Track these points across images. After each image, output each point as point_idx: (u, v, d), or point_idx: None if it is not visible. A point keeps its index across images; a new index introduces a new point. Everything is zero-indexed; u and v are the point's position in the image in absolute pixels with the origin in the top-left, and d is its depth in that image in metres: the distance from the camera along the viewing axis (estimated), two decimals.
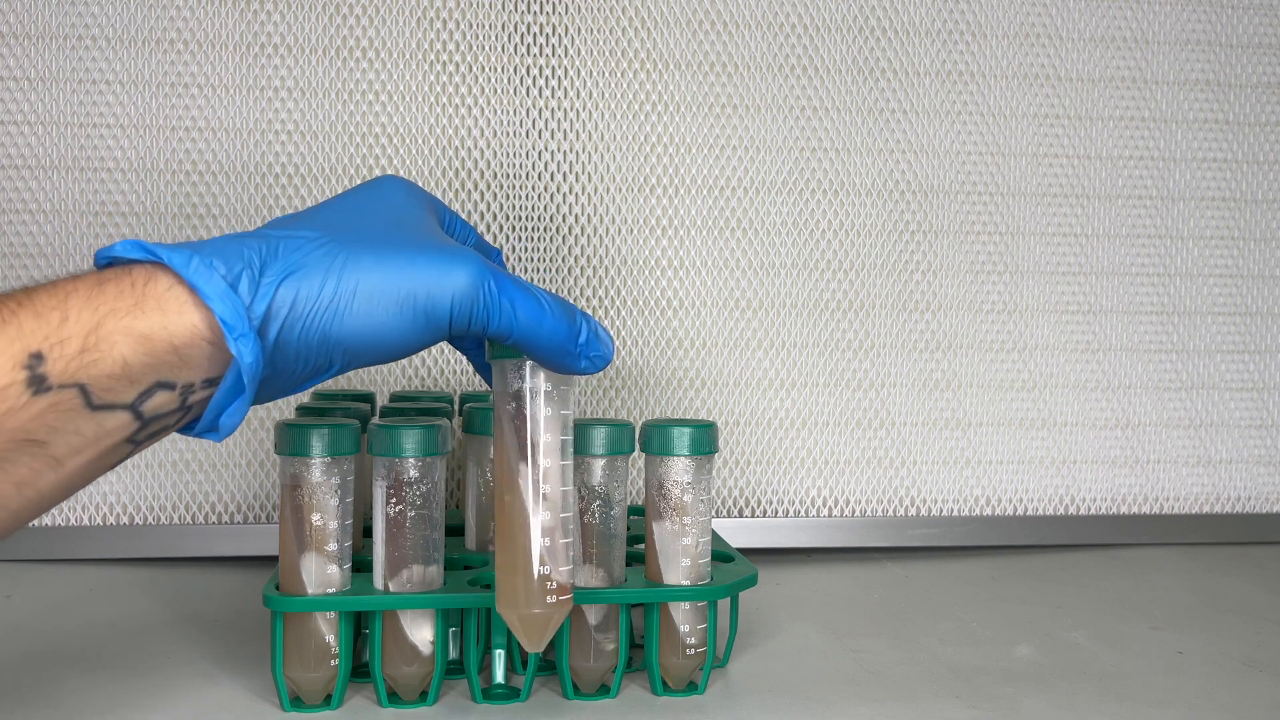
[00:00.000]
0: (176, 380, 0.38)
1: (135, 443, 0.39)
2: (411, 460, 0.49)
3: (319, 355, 0.41)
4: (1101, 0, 0.82)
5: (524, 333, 0.42)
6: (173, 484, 0.74)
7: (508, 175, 0.77)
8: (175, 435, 0.74)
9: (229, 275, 0.38)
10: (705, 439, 0.52)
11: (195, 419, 0.40)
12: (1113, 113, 0.83)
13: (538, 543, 0.44)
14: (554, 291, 0.79)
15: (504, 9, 0.76)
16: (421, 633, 0.50)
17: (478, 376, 0.77)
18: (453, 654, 0.54)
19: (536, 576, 0.44)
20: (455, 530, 0.62)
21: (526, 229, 0.77)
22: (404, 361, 0.76)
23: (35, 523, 0.72)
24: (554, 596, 0.44)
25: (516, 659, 0.54)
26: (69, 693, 0.51)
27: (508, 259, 0.77)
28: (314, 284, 0.40)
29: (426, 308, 0.41)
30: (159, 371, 0.38)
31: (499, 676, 0.52)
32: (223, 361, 0.39)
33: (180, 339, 0.38)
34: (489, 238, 0.77)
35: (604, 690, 0.52)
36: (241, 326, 0.38)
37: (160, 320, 0.37)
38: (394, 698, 0.51)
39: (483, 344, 0.49)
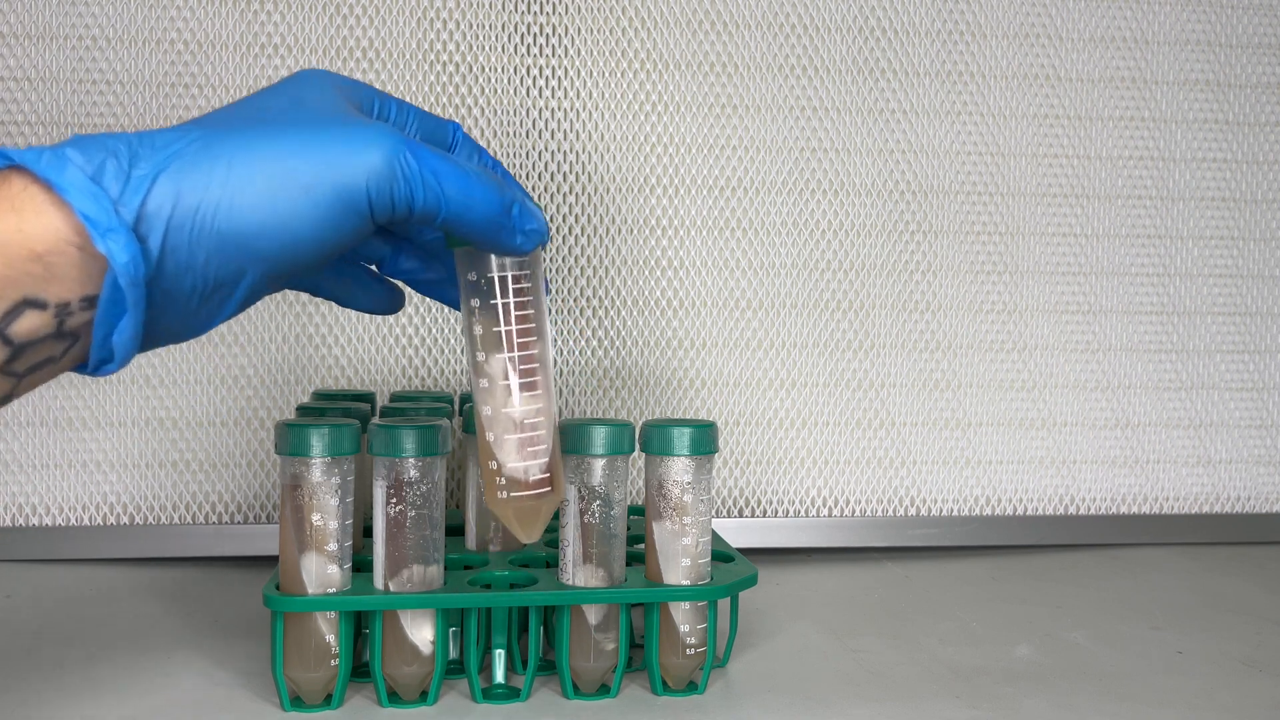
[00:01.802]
0: (47, 297, 0.34)
1: (14, 375, 0.35)
2: (412, 460, 0.49)
3: (221, 263, 0.35)
4: (1101, 0, 0.82)
5: (453, 208, 0.39)
6: (173, 484, 0.74)
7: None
8: (174, 434, 0.74)
9: (88, 167, 0.34)
10: (705, 439, 0.52)
11: (86, 357, 0.36)
12: (1113, 113, 0.83)
13: (513, 435, 0.44)
14: (560, 295, 0.79)
15: (504, 9, 0.76)
16: (422, 633, 0.50)
17: None
18: (453, 654, 0.54)
19: (518, 466, 0.44)
20: (455, 530, 0.62)
21: None
22: (404, 362, 0.76)
23: (35, 522, 0.72)
24: (538, 487, 0.45)
25: (517, 659, 0.54)
26: (68, 693, 0.51)
27: None
28: (200, 175, 0.35)
29: (338, 190, 0.36)
30: (21, 286, 0.33)
31: (499, 676, 0.52)
32: (99, 273, 0.34)
33: (41, 244, 0.33)
34: None
35: (604, 690, 0.52)
36: (109, 221, 0.33)
37: (15, 223, 0.33)
38: (394, 698, 0.51)
39: (421, 252, 0.48)
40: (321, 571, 0.48)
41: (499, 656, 0.52)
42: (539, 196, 0.77)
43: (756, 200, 0.79)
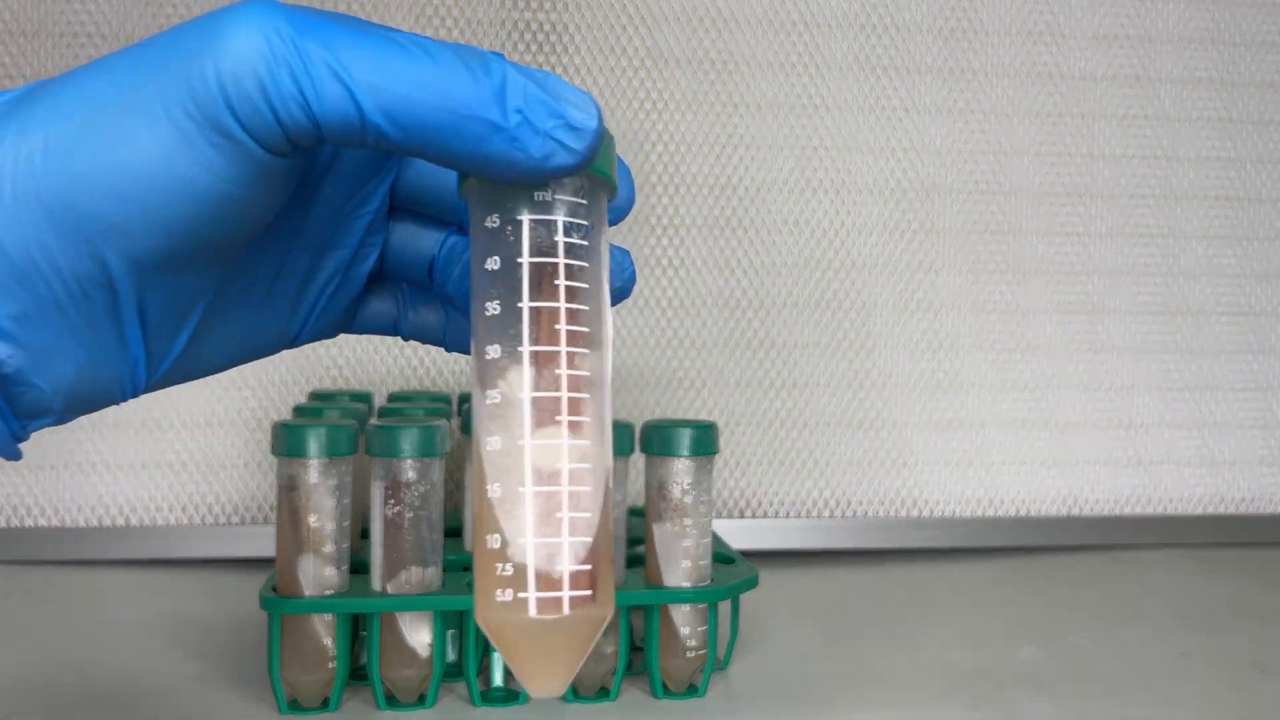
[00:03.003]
0: None
1: None
2: (410, 461, 0.48)
3: (61, 249, 0.24)
4: None
5: (385, 107, 0.24)
6: (169, 485, 0.74)
7: None
8: (170, 435, 0.74)
9: None
10: (706, 440, 0.52)
11: None
12: (1116, 111, 0.83)
13: (535, 489, 0.26)
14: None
15: (502, 6, 0.76)
16: (420, 635, 0.50)
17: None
18: (451, 656, 0.53)
19: (538, 546, 0.26)
20: (454, 532, 0.62)
21: None
22: (402, 362, 0.76)
23: (31, 523, 0.72)
24: (573, 591, 0.26)
25: None
26: (65, 694, 0.51)
27: None
28: (12, 133, 0.24)
29: (181, 103, 0.24)
30: None
31: (498, 679, 0.52)
32: None
33: None
34: None
35: (603, 693, 0.52)
36: None
37: None
38: (392, 700, 0.50)
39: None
40: (319, 573, 0.48)
41: (498, 659, 0.52)
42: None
43: (757, 199, 0.79)
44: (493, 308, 0.27)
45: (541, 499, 0.26)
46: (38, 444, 0.73)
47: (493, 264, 0.27)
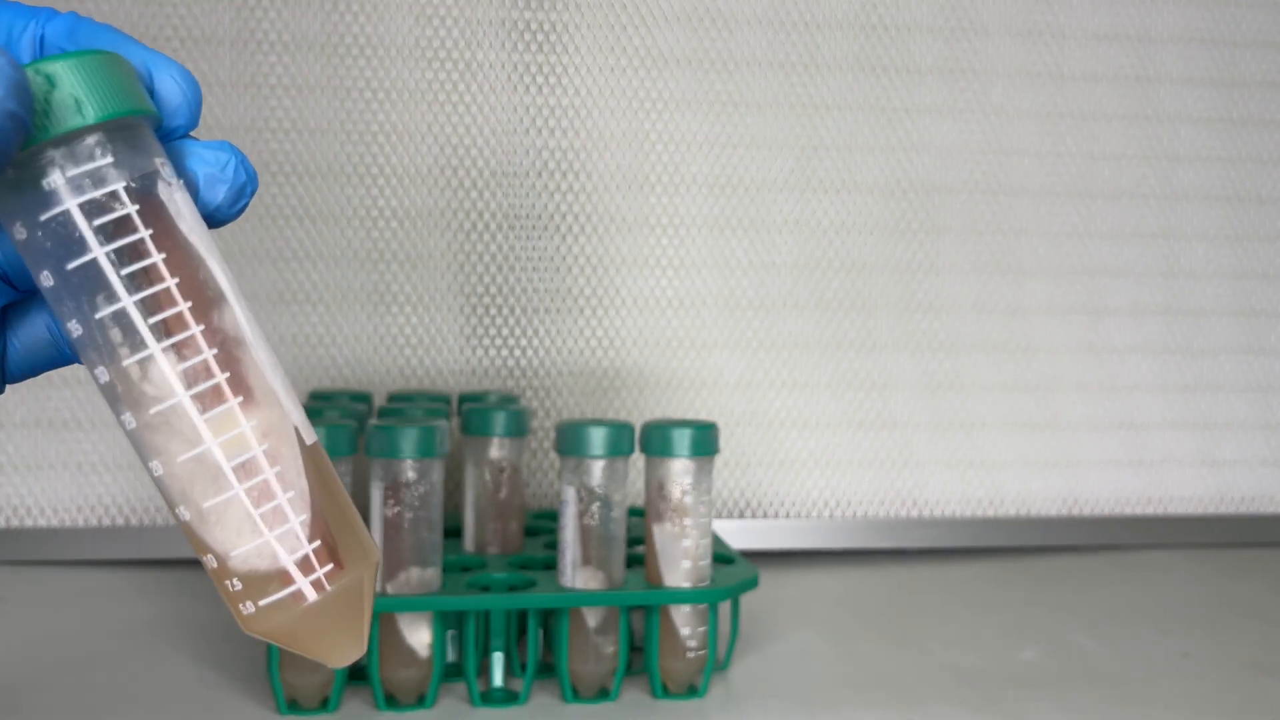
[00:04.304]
0: None
1: None
2: (409, 461, 0.48)
3: None
4: None
5: None
6: None
7: (507, 173, 0.76)
8: None
9: None
10: (706, 440, 0.51)
11: None
12: (1117, 111, 0.82)
13: (222, 496, 0.24)
14: (558, 295, 0.78)
15: (503, 5, 0.75)
16: (419, 635, 0.50)
17: (477, 375, 0.76)
18: (451, 657, 0.53)
19: (250, 551, 0.24)
20: (453, 532, 0.61)
21: (526, 227, 0.76)
22: (401, 362, 0.76)
23: (29, 524, 0.72)
24: (316, 573, 0.24)
25: (515, 662, 0.53)
26: (65, 695, 0.51)
27: (504, 257, 0.76)
28: None
29: None
30: None
31: (497, 680, 0.52)
32: None
33: None
34: (487, 236, 0.76)
35: (604, 694, 0.52)
36: None
37: None
38: (391, 701, 0.50)
39: None
40: None
41: (497, 660, 0.52)
42: (538, 194, 0.77)
43: (758, 199, 0.78)
44: (75, 328, 0.23)
45: (237, 503, 0.24)
46: (33, 445, 0.73)
47: (46, 280, 0.23)
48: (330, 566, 0.24)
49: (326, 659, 0.25)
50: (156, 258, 0.23)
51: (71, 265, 0.22)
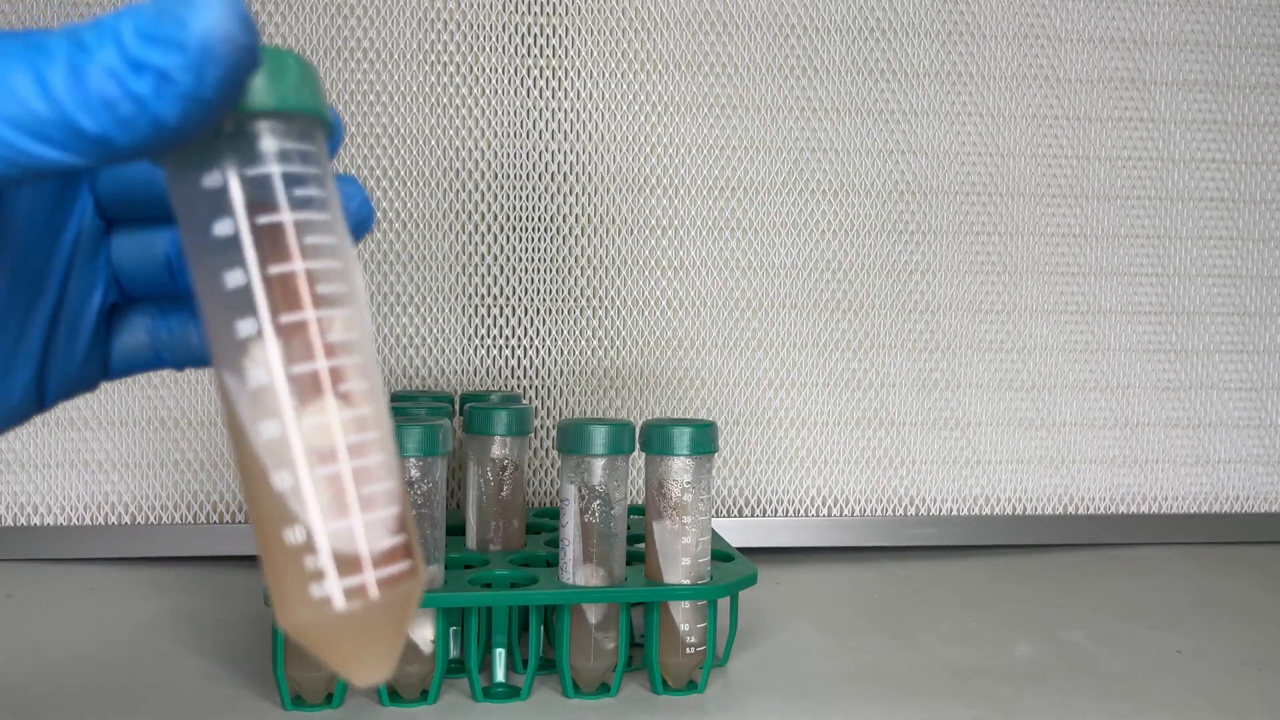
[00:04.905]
0: None
1: None
2: (412, 460, 0.49)
3: None
4: (1100, 1, 0.82)
5: (23, 121, 0.20)
6: (174, 483, 0.74)
7: (508, 176, 0.77)
8: (176, 434, 0.74)
9: None
10: (705, 438, 0.52)
11: None
12: (1111, 113, 0.83)
13: (326, 469, 0.23)
14: (560, 295, 0.79)
15: (504, 10, 0.76)
16: (422, 632, 0.50)
17: (479, 374, 0.77)
18: (453, 653, 0.54)
19: (343, 529, 0.23)
20: (456, 529, 0.62)
21: (526, 229, 0.77)
22: (404, 361, 0.76)
23: (36, 521, 0.73)
24: (389, 563, 0.24)
25: (517, 658, 0.54)
26: (70, 692, 0.51)
27: (506, 258, 0.77)
28: None
29: None
30: None
31: (499, 675, 0.52)
32: None
33: None
34: (490, 238, 0.77)
35: (604, 689, 0.52)
36: None
37: None
38: (394, 696, 0.51)
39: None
40: None
41: (499, 655, 0.52)
42: (539, 197, 0.77)
43: (756, 200, 0.79)
44: (236, 277, 0.23)
45: (342, 477, 0.23)
46: (42, 443, 0.73)
47: (222, 228, 0.23)
48: (407, 564, 0.24)
49: (359, 670, 0.24)
50: (328, 238, 0.24)
51: (261, 220, 0.23)
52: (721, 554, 0.57)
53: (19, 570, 0.71)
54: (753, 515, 0.80)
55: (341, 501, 0.23)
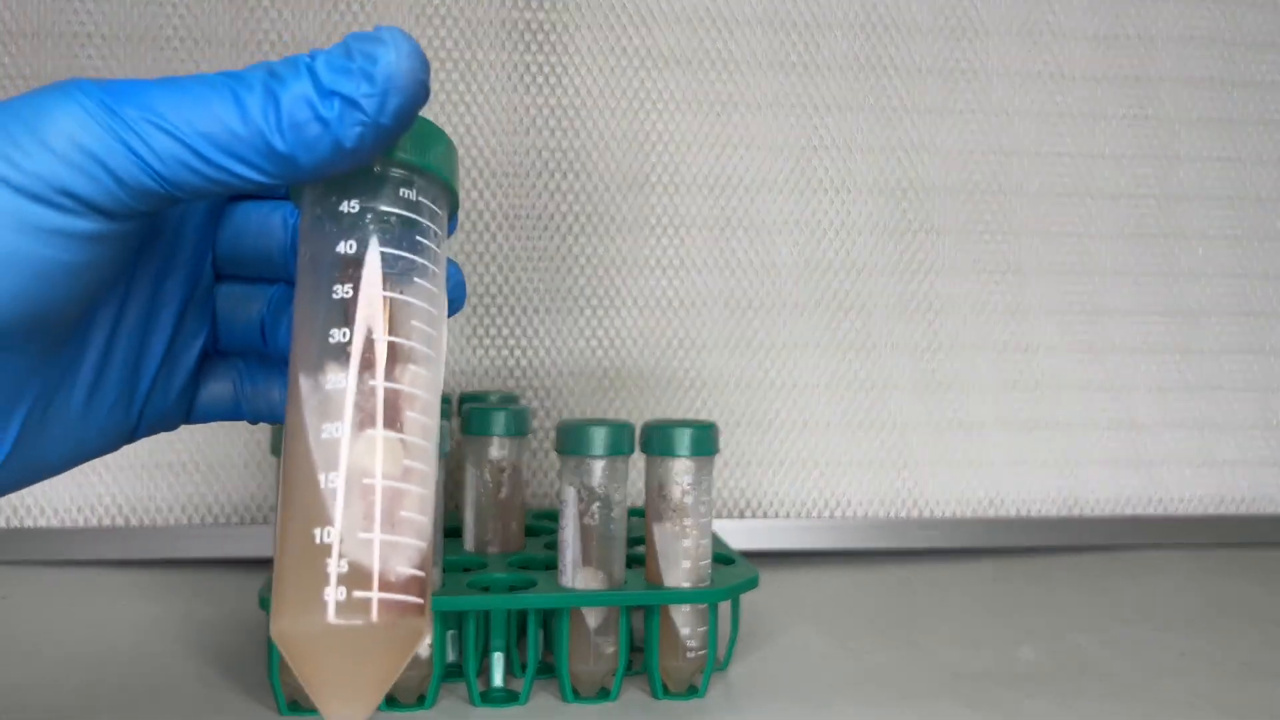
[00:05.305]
0: None
1: None
2: None
3: None
4: None
5: (221, 140, 0.24)
6: (169, 486, 0.74)
7: (506, 173, 0.76)
8: (170, 436, 0.73)
9: None
10: (706, 440, 0.51)
11: None
12: (1117, 111, 0.83)
13: (374, 481, 0.25)
14: (558, 295, 0.78)
15: (502, 5, 0.76)
16: None
17: (477, 375, 0.76)
18: (451, 657, 0.53)
19: (368, 542, 0.24)
20: (453, 532, 0.61)
21: (525, 227, 0.76)
22: None
23: (31, 524, 0.72)
24: (403, 591, 0.24)
25: (515, 662, 0.53)
26: (65, 694, 0.51)
27: (505, 257, 0.76)
28: None
29: (25, 184, 0.24)
30: None
31: (497, 680, 0.52)
32: None
33: None
34: (488, 236, 0.76)
35: (604, 693, 0.52)
36: None
37: None
38: (392, 701, 0.50)
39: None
40: None
41: (498, 660, 0.52)
42: (538, 194, 0.77)
43: (757, 199, 0.79)
44: (344, 289, 0.26)
45: (387, 495, 0.24)
46: None
47: (347, 247, 0.26)
48: (419, 600, 0.25)
49: (333, 697, 0.24)
50: (433, 291, 0.27)
51: (387, 251, 0.26)
52: (722, 557, 0.57)
53: (12, 573, 0.70)
54: (754, 517, 0.79)
55: (372, 516, 0.24)
